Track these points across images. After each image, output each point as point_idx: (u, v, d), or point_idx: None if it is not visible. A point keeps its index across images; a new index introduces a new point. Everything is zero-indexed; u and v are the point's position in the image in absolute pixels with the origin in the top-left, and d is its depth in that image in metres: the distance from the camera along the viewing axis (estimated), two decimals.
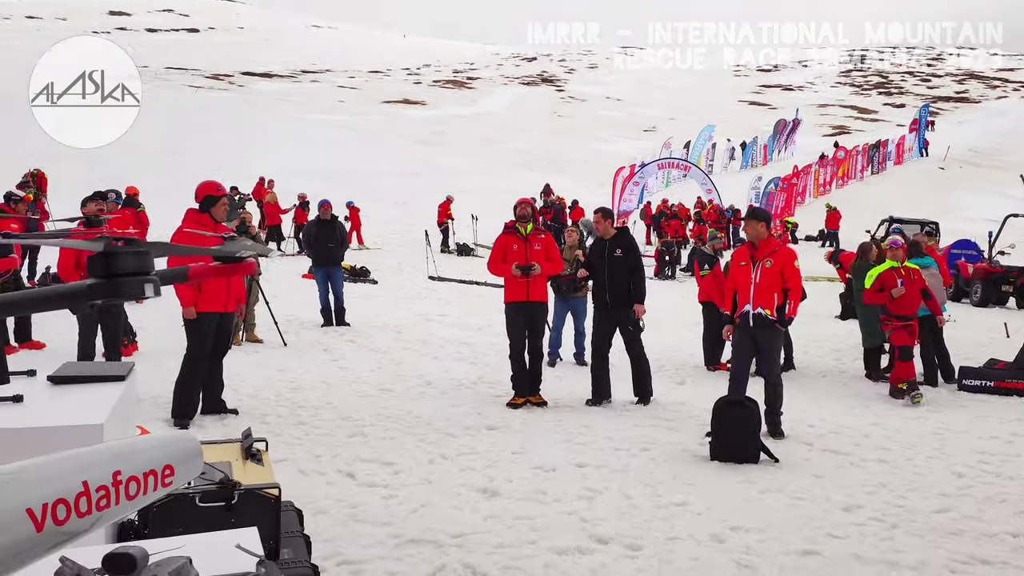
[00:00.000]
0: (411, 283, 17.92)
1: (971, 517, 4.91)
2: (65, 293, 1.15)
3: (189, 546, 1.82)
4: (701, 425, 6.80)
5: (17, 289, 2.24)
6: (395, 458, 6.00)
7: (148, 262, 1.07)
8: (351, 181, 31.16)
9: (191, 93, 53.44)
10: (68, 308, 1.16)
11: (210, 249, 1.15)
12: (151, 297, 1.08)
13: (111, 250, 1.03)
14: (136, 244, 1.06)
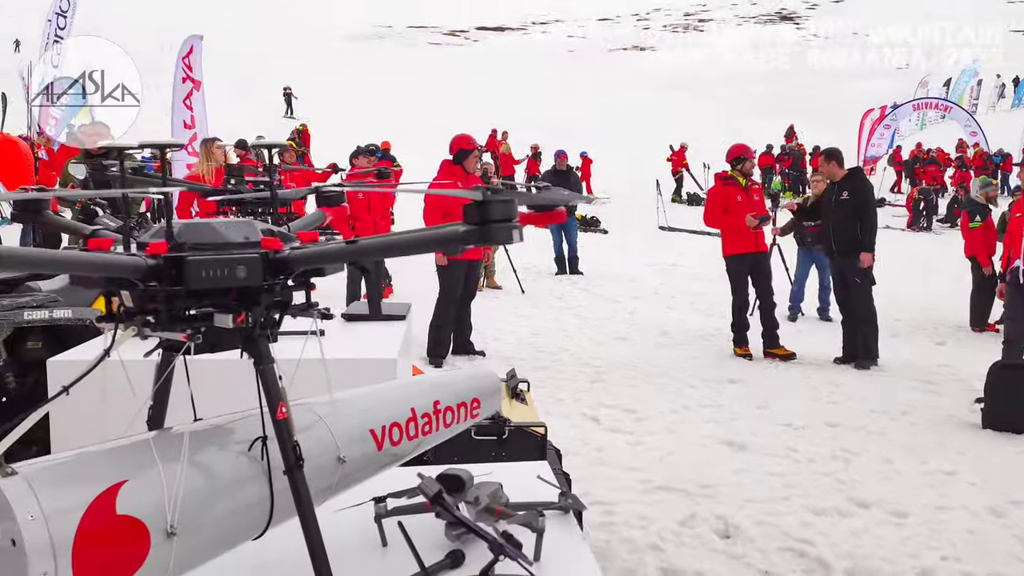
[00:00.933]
0: (641, 233, 17.86)
1: None
2: (441, 238, 1.28)
3: (496, 474, 1.99)
4: (968, 390, 6.29)
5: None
6: (636, 406, 6.09)
7: (514, 209, 1.17)
8: (581, 131, 31.34)
9: (431, 50, 55.93)
10: (443, 251, 1.29)
11: (536, 196, 1.24)
12: (517, 242, 1.18)
13: (487, 199, 1.14)
14: (504, 193, 1.16)
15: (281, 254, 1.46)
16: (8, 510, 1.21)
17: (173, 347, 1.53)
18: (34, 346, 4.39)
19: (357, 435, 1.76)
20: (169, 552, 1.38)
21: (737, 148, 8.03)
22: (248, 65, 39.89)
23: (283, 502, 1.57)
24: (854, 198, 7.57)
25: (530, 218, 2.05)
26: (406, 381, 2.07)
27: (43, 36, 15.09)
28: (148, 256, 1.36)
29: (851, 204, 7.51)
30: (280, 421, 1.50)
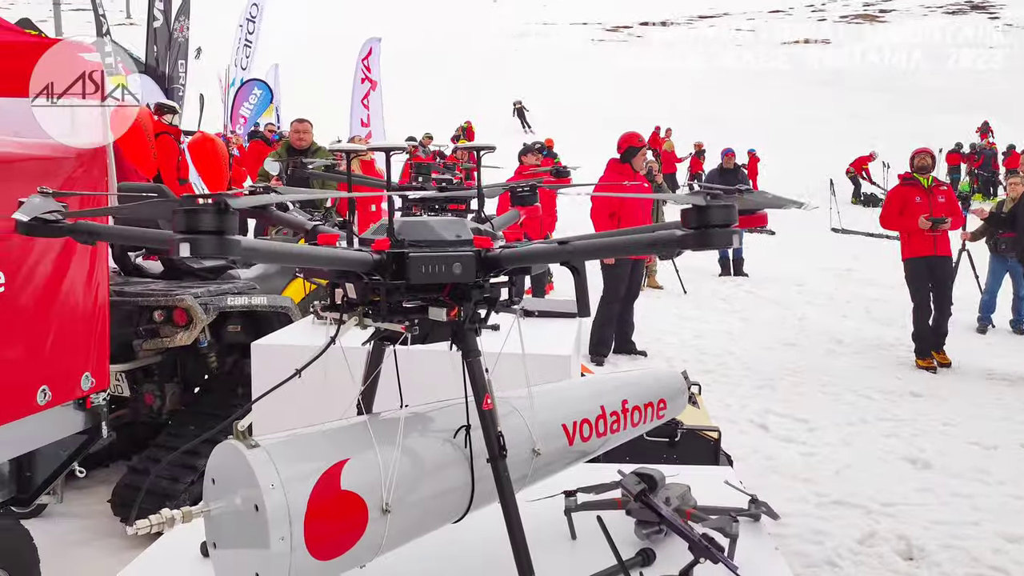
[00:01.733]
0: (812, 234, 17.10)
1: None
2: (656, 240, 1.30)
3: (682, 476, 1.99)
4: None
5: None
6: (808, 415, 5.87)
7: (734, 214, 1.17)
8: (748, 128, 30.37)
9: (594, 47, 55.90)
10: (656, 254, 1.32)
11: (742, 200, 1.23)
12: (736, 246, 1.18)
13: (709, 204, 1.15)
14: (723, 198, 1.16)
15: (492, 252, 1.52)
16: (253, 478, 1.34)
17: (388, 337, 1.64)
18: (233, 329, 4.79)
19: (551, 429, 1.81)
20: (383, 528, 1.48)
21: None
22: (414, 64, 41.33)
23: (482, 489, 1.64)
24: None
25: None
26: (595, 379, 2.11)
27: (234, 41, 16.32)
28: (374, 252, 1.46)
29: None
30: (486, 412, 1.57)
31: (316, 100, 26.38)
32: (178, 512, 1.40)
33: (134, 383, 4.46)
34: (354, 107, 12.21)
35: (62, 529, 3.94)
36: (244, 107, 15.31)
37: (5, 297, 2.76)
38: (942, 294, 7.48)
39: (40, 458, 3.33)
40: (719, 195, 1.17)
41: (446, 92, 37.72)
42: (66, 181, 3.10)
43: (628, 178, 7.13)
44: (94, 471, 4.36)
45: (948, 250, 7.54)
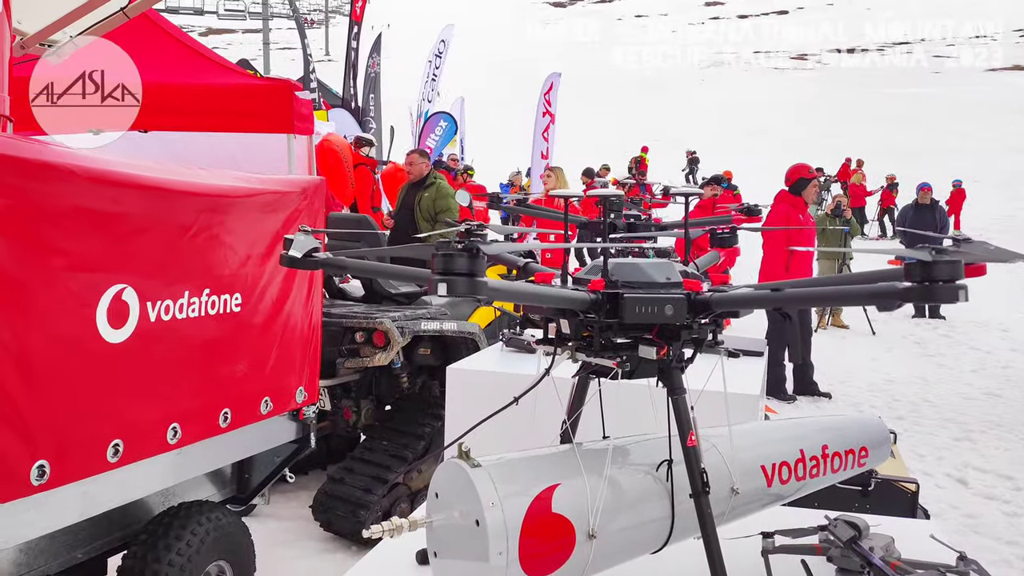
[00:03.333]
0: (1015, 276, 15.74)
1: None
2: (876, 292, 1.33)
3: (884, 526, 1.94)
4: None
5: None
6: (1014, 472, 5.45)
7: (960, 270, 1.18)
8: (945, 160, 28.46)
9: (776, 75, 54.36)
10: (877, 305, 1.34)
11: (988, 256, 1.22)
12: (963, 301, 1.18)
13: (934, 259, 1.16)
14: (946, 254, 1.17)
15: (703, 296, 1.58)
16: (475, 496, 1.47)
17: (597, 371, 1.73)
18: (424, 352, 5.07)
19: (750, 468, 1.83)
20: (588, 553, 1.56)
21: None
22: (596, 96, 41.80)
23: (681, 523, 1.69)
24: None
25: None
26: (796, 421, 2.10)
27: (424, 76, 17.21)
28: (590, 291, 1.57)
29: None
30: (690, 448, 1.62)
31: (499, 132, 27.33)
32: (406, 521, 1.54)
33: (334, 398, 4.82)
34: (536, 140, 12.58)
35: (269, 529, 4.31)
36: (430, 139, 16.09)
37: (241, 316, 3.10)
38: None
39: (257, 463, 3.69)
40: (945, 250, 1.18)
41: (618, 123, 37.91)
42: (292, 214, 3.43)
43: (800, 211, 6.96)
44: (296, 478, 4.75)
45: None
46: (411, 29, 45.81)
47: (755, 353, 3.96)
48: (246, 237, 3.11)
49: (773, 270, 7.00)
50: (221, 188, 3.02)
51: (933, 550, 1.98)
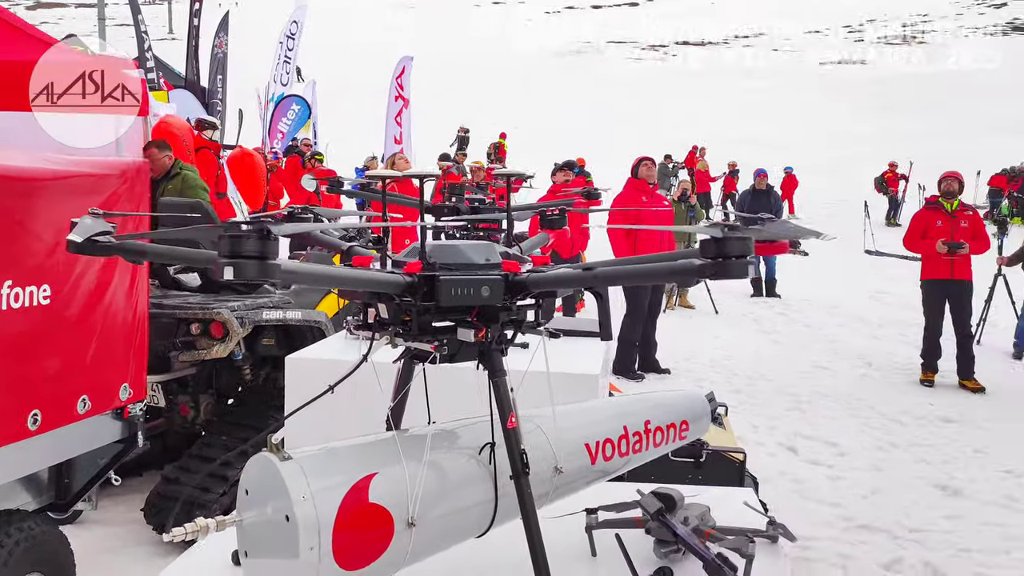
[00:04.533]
0: (845, 256, 16.94)
1: None
2: (676, 269, 1.35)
3: (703, 497, 2.01)
4: None
5: None
6: (838, 439, 5.84)
7: (750, 246, 1.22)
8: (783, 148, 30.23)
9: (629, 65, 56.02)
10: (675, 282, 1.37)
11: (762, 231, 1.26)
12: (752, 277, 1.23)
13: (725, 236, 1.19)
14: (739, 231, 1.21)
15: (520, 277, 1.58)
16: (285, 490, 1.40)
17: (418, 355, 1.70)
18: (268, 342, 4.89)
19: (573, 448, 1.85)
20: (408, 541, 1.53)
21: (945, 174, 7.86)
22: (450, 82, 41.75)
23: (505, 505, 1.69)
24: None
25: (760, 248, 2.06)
26: (618, 399, 2.15)
27: (274, 57, 16.60)
28: (406, 274, 1.53)
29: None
30: (510, 430, 1.62)
31: (354, 116, 26.78)
32: (212, 521, 1.46)
33: (169, 394, 4.57)
34: (388, 125, 12.39)
35: (96, 536, 4.04)
36: (282, 122, 15.58)
37: (51, 309, 2.87)
38: (960, 318, 7.49)
39: (78, 466, 3.44)
40: (737, 227, 1.22)
41: (478, 110, 38.01)
42: (110, 197, 3.21)
43: (646, 194, 7.25)
44: (127, 480, 4.46)
45: (967, 274, 7.50)
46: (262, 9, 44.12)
47: (595, 334, 4.05)
48: (55, 223, 2.88)
49: (620, 251, 7.27)
50: (23, 170, 2.77)
51: (750, 516, 2.08)
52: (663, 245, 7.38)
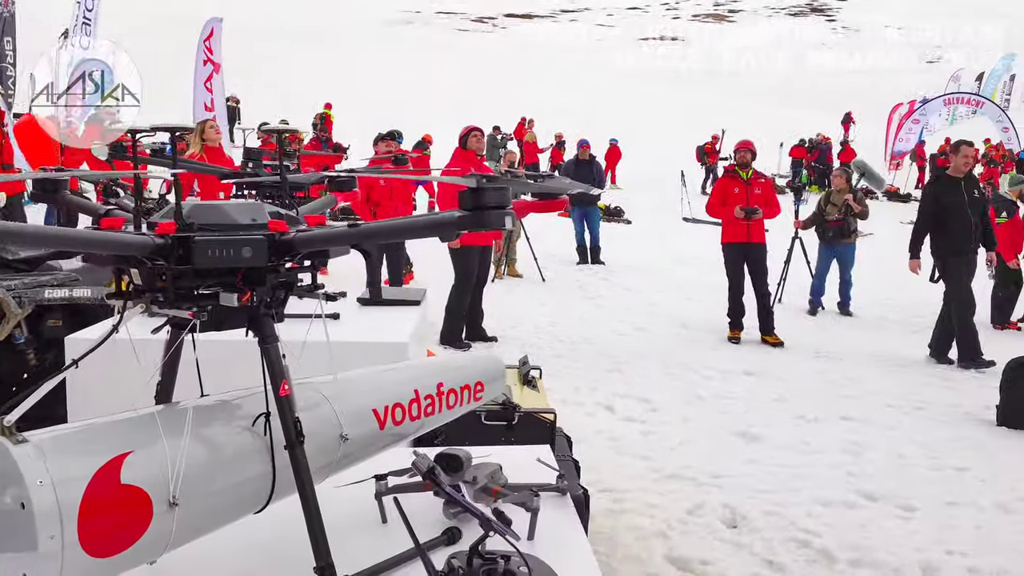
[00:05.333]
0: (665, 224, 17.79)
1: None
2: (437, 223, 1.32)
3: (496, 455, 2.02)
4: (985, 388, 6.23)
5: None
6: (652, 396, 6.11)
7: (507, 197, 1.20)
8: (608, 120, 31.22)
9: (459, 36, 55.90)
10: (438, 236, 1.33)
11: (536, 185, 1.25)
12: (509, 228, 1.21)
13: (481, 186, 1.17)
14: (498, 181, 1.19)
15: (286, 236, 1.50)
16: (19, 475, 1.27)
17: (180, 324, 1.58)
18: (54, 323, 4.49)
19: (360, 414, 1.80)
20: (171, 522, 1.43)
21: (739, 144, 8.39)
22: (273, 51, 40.10)
23: (285, 478, 1.61)
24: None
25: (533, 206, 2.09)
26: (411, 363, 2.12)
27: (72, 19, 15.26)
28: (156, 235, 1.41)
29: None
30: (282, 398, 1.54)
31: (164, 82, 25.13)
32: None
33: None
34: (197, 90, 11.67)
35: None
36: None
37: None
38: (759, 278, 8.09)
39: None
40: (496, 178, 1.20)
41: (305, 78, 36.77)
42: None
43: (474, 165, 7.28)
44: None
45: (762, 238, 8.10)
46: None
47: (411, 302, 4.01)
48: None
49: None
50: None
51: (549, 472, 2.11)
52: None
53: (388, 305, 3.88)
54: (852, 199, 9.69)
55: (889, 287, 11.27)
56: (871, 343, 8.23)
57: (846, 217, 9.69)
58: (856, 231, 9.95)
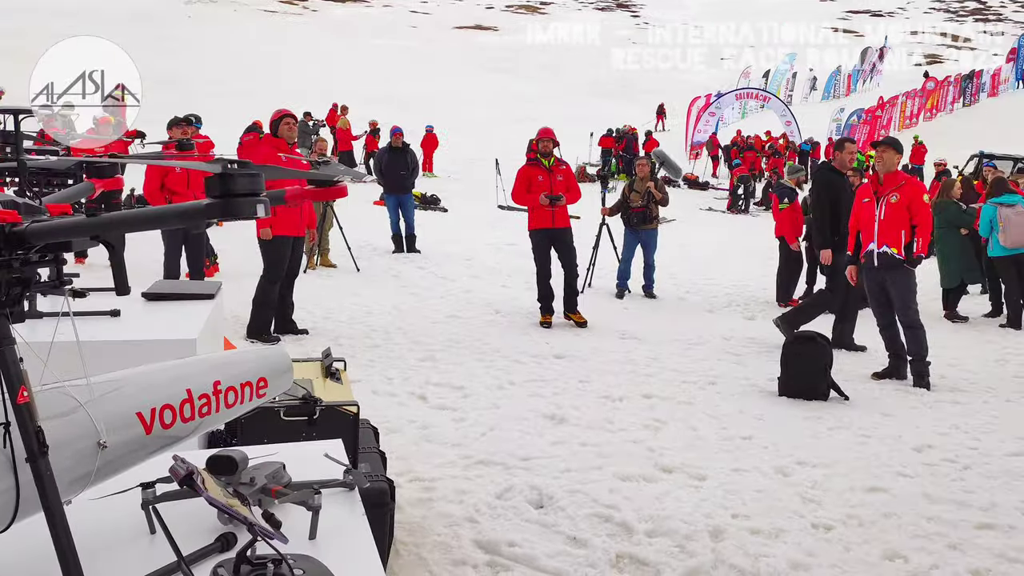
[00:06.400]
0: (481, 212, 18.01)
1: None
2: (183, 212, 1.22)
3: (282, 453, 1.94)
4: (770, 361, 6.76)
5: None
6: (464, 383, 6.15)
7: (260, 184, 1.13)
8: (423, 108, 31.15)
9: (264, 17, 53.73)
10: (185, 226, 1.24)
11: (309, 172, 1.20)
12: (261, 216, 1.15)
13: (228, 171, 1.10)
14: (248, 167, 1.12)
15: (18, 227, 1.35)
16: None
17: None
18: None
19: (122, 419, 1.66)
20: None
21: (540, 132, 8.58)
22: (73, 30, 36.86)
23: (31, 492, 1.46)
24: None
25: (312, 193, 2.02)
26: (183, 361, 1.97)
27: None
28: None
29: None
30: (20, 406, 1.39)
31: None
32: None
33: None
34: None
35: None
36: None
37: None
38: (566, 259, 8.40)
39: None
40: (245, 164, 1.13)
41: None
42: None
43: (283, 150, 7.01)
44: None
45: (566, 223, 8.41)
46: None
47: (206, 296, 3.80)
48: None
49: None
50: None
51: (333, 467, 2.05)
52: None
53: (178, 300, 3.66)
54: (653, 187, 10.20)
55: (688, 270, 12.02)
56: (672, 323, 8.73)
57: (648, 204, 10.19)
58: (658, 217, 10.50)
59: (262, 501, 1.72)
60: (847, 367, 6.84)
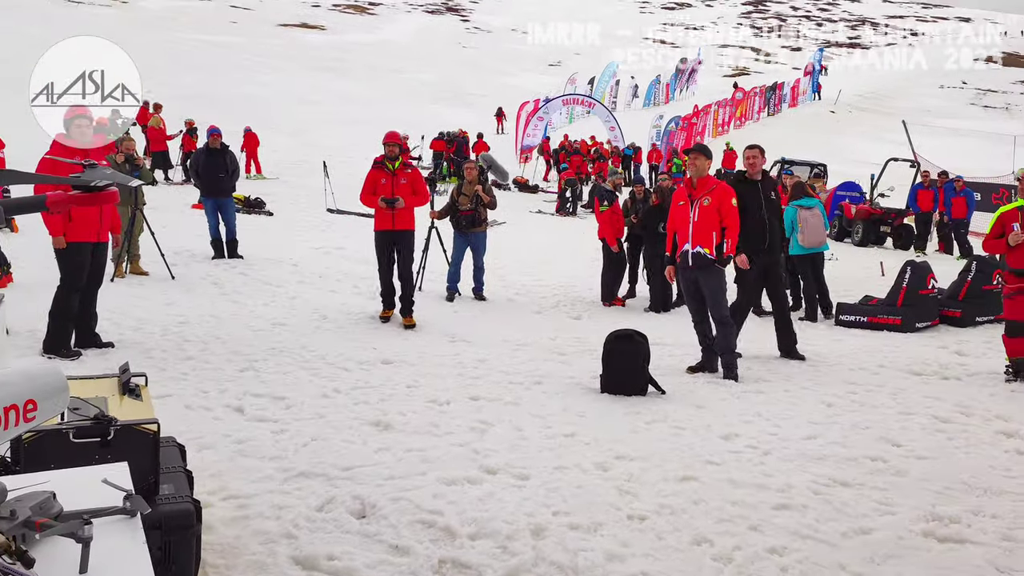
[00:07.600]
0: (309, 216, 17.50)
1: (836, 443, 5.24)
2: None
3: (54, 481, 1.77)
4: (594, 359, 6.97)
5: None
6: (287, 392, 5.94)
7: None
8: (243, 107, 29.96)
9: (71, 8, 49.86)
10: None
11: (67, 178, 1.07)
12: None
13: None
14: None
15: None
16: None
17: None
18: None
19: None
20: None
21: (386, 136, 8.75)
22: None
23: None
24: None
25: (78, 199, 1.85)
26: None
27: None
28: None
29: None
30: None
31: None
32: None
33: None
34: None
35: None
36: None
37: None
38: (403, 262, 8.59)
39: None
40: None
41: None
42: None
43: (80, 155, 6.46)
44: None
45: (408, 224, 8.59)
46: None
47: None
48: None
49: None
50: None
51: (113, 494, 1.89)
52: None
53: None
54: (481, 190, 10.29)
55: (517, 272, 12.22)
56: (501, 325, 8.84)
57: (476, 207, 10.27)
58: (487, 220, 10.60)
59: (25, 537, 1.56)
60: (664, 362, 7.18)
